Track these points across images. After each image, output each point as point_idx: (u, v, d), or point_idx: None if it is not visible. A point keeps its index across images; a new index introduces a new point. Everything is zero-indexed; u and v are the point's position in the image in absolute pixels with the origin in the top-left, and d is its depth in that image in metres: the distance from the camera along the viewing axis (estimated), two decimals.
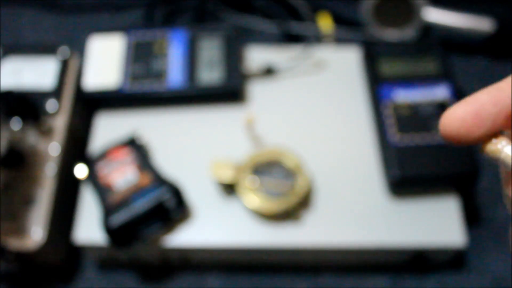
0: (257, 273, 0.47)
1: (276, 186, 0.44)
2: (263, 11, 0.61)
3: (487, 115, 0.18)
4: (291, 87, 0.52)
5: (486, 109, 0.18)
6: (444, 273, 0.47)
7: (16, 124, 0.46)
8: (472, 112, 0.18)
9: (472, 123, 0.18)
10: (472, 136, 0.18)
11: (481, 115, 0.18)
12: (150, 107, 0.51)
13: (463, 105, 0.18)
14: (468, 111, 0.18)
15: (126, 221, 0.41)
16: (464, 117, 0.18)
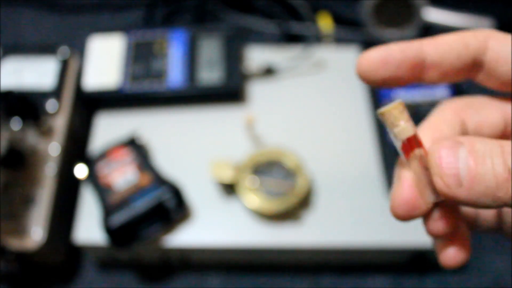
0: (257, 273, 0.47)
1: (276, 186, 0.44)
2: (263, 11, 0.61)
3: (393, 60, 0.21)
4: (291, 87, 0.52)
5: (393, 54, 0.21)
6: (444, 273, 0.47)
7: (16, 124, 0.46)
8: (381, 55, 0.21)
9: (379, 65, 0.21)
10: (378, 75, 0.22)
11: (387, 59, 0.21)
12: (150, 107, 0.51)
13: (376, 50, 0.22)
14: (377, 55, 0.21)
15: (126, 221, 0.41)
16: (373, 58, 0.21)
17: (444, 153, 0.19)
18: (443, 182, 0.19)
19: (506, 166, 0.18)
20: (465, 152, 0.18)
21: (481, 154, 0.18)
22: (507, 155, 0.18)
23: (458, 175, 0.18)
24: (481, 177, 0.18)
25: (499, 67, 0.21)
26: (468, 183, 0.18)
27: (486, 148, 0.18)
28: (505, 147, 0.18)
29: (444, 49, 0.22)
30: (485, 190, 0.18)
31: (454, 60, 0.22)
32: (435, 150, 0.19)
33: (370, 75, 0.22)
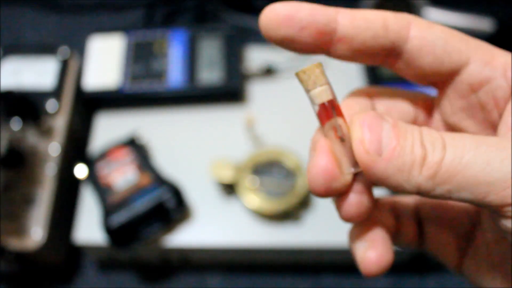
0: (257, 273, 0.47)
1: (276, 186, 0.44)
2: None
3: (298, 19, 0.19)
4: (291, 87, 0.52)
5: (300, 14, 0.19)
6: (444, 273, 0.47)
7: (16, 124, 0.46)
8: (287, 11, 0.19)
9: (282, 21, 0.19)
10: (279, 33, 0.20)
11: (293, 17, 0.19)
12: (150, 107, 0.51)
13: (284, 4, 0.19)
14: (283, 9, 0.19)
15: (126, 221, 0.41)
16: (278, 13, 0.19)
17: (369, 120, 0.18)
18: (364, 148, 0.18)
19: (423, 146, 0.18)
20: (388, 125, 0.18)
21: (403, 130, 0.18)
22: (425, 136, 0.18)
23: (380, 143, 0.18)
24: (401, 151, 0.18)
25: (420, 58, 0.20)
26: (388, 154, 0.18)
27: (408, 126, 0.19)
28: (423, 129, 0.19)
29: (359, 24, 0.20)
30: (402, 165, 0.18)
31: (368, 39, 0.20)
32: (359, 117, 0.19)
33: (271, 31, 0.20)
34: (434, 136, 0.18)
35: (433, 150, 0.18)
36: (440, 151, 0.18)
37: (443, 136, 0.18)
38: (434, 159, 0.18)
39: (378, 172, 0.18)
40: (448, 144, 0.18)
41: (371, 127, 0.18)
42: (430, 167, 0.18)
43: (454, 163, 0.17)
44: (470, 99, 0.20)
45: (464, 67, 0.20)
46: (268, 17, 0.19)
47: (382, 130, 0.18)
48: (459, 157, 0.17)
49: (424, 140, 0.18)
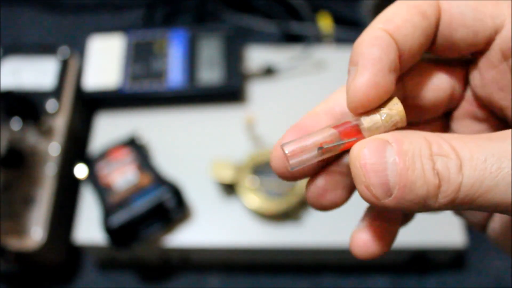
0: (257, 273, 0.47)
1: (276, 186, 0.44)
2: (263, 11, 0.61)
3: (381, 88, 0.18)
4: (291, 87, 0.52)
5: (379, 84, 0.18)
6: (444, 273, 0.47)
7: (16, 124, 0.46)
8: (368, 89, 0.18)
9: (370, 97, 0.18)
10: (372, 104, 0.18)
11: (377, 89, 0.18)
12: (150, 107, 0.51)
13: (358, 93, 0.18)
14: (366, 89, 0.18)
15: (126, 221, 0.41)
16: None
17: (369, 156, 0.17)
18: (371, 193, 0.17)
19: (435, 170, 0.16)
20: (393, 153, 0.16)
21: (411, 155, 0.16)
22: (438, 159, 0.16)
23: (387, 185, 0.16)
24: (412, 186, 0.16)
25: (453, 33, 0.19)
26: (399, 193, 0.16)
27: (415, 147, 0.17)
28: (432, 144, 0.17)
29: (408, 32, 0.19)
30: (416, 199, 0.16)
31: (419, 37, 0.19)
32: (358, 152, 0.17)
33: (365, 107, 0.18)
34: (447, 154, 0.16)
35: (448, 176, 0.16)
36: (457, 175, 0.16)
37: (459, 152, 0.16)
38: (451, 187, 0.16)
39: (390, 207, 0.17)
40: (466, 164, 0.16)
41: (374, 168, 0.17)
42: (447, 196, 0.16)
43: (473, 189, 0.16)
44: (502, 68, 0.19)
45: (499, 32, 0.18)
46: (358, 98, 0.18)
47: (386, 168, 0.16)
48: (480, 181, 0.16)
49: (437, 165, 0.16)
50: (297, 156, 0.19)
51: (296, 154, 0.19)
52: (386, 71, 0.18)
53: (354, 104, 0.18)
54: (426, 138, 0.17)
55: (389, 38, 0.18)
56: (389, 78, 0.18)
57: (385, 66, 0.18)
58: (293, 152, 0.19)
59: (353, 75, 0.18)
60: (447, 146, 0.17)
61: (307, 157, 0.19)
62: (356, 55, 0.19)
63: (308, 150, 0.19)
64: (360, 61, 0.18)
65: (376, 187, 0.17)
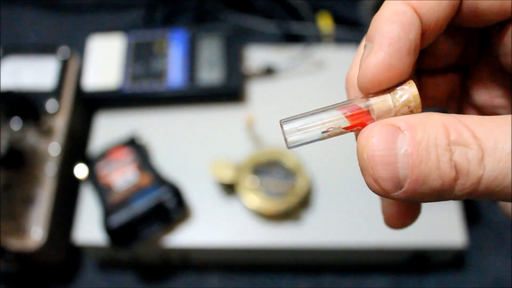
0: (257, 273, 0.47)
1: (276, 186, 0.44)
2: (263, 11, 0.61)
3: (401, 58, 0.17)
4: (291, 87, 0.52)
5: (398, 54, 0.17)
6: (444, 273, 0.47)
7: (16, 124, 0.46)
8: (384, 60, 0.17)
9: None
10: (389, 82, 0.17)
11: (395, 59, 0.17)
12: (150, 107, 0.51)
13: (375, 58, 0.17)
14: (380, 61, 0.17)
15: (126, 221, 0.41)
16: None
17: (378, 146, 0.15)
18: (380, 187, 0.16)
19: (452, 162, 0.15)
20: (405, 143, 0.15)
21: (425, 145, 0.15)
22: (454, 145, 0.15)
23: (397, 179, 0.15)
24: (426, 178, 0.15)
25: (479, 0, 0.17)
26: (410, 186, 0.15)
27: (431, 135, 0.15)
28: (451, 131, 0.15)
29: (432, 5, 0.17)
30: (429, 191, 0.15)
31: (447, 9, 0.17)
32: (366, 142, 0.16)
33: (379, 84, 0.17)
34: (468, 143, 0.15)
35: (467, 168, 0.15)
36: (477, 167, 0.14)
37: (482, 141, 0.15)
38: (470, 181, 0.15)
39: (401, 199, 0.16)
40: (488, 154, 0.14)
41: (383, 160, 0.15)
42: (465, 189, 0.15)
43: (496, 182, 0.14)
44: None
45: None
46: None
47: (397, 161, 0.15)
48: (504, 174, 0.14)
49: (455, 155, 0.15)
50: (296, 135, 0.18)
51: (296, 133, 0.18)
52: (404, 52, 0.16)
53: (364, 84, 0.17)
54: (444, 124, 0.15)
55: (412, 13, 0.17)
56: (406, 60, 0.17)
57: (403, 47, 0.16)
58: (293, 130, 0.18)
59: (367, 53, 0.17)
60: (468, 134, 0.15)
61: (307, 137, 0.18)
62: (373, 30, 0.17)
63: (309, 130, 0.18)
64: (377, 39, 0.17)
65: (385, 180, 0.15)
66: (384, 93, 0.17)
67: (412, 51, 0.17)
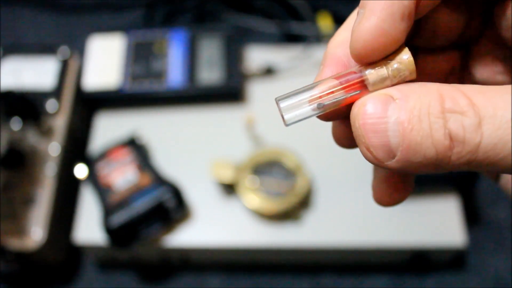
0: (257, 273, 0.47)
1: (276, 186, 0.44)
2: (263, 11, 0.61)
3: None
4: (291, 87, 0.52)
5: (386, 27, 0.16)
6: (444, 273, 0.47)
7: (16, 124, 0.46)
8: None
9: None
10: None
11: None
12: (150, 107, 0.51)
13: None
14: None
15: (126, 221, 0.41)
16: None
17: (369, 114, 0.15)
18: (372, 155, 0.15)
19: (446, 130, 0.14)
20: (396, 111, 0.15)
21: (417, 113, 0.15)
22: (449, 112, 0.14)
23: (389, 146, 0.15)
24: (418, 146, 0.15)
25: None
26: (403, 154, 0.15)
27: (423, 103, 0.15)
28: (446, 99, 0.15)
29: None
30: (424, 160, 0.15)
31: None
32: (358, 110, 0.16)
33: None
34: (463, 111, 0.14)
35: (463, 136, 0.14)
36: (474, 135, 0.14)
37: (479, 108, 0.14)
38: (466, 148, 0.14)
39: (397, 169, 0.15)
40: (487, 122, 0.14)
41: (374, 128, 0.15)
42: (461, 157, 0.14)
43: (496, 150, 0.14)
44: None
45: None
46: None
47: (387, 128, 0.15)
48: (503, 142, 0.14)
49: (449, 123, 0.14)
50: (294, 111, 0.17)
51: (293, 108, 0.17)
52: (397, 17, 0.16)
53: (356, 52, 0.16)
54: (440, 92, 0.15)
55: None
56: (400, 26, 0.16)
57: (396, 11, 0.16)
58: (289, 106, 0.17)
59: (360, 18, 0.16)
60: (465, 101, 0.14)
61: (304, 112, 0.17)
62: None
63: (306, 105, 0.17)
64: (369, 4, 0.16)
65: (376, 148, 0.15)
66: (378, 64, 0.17)
67: (406, 16, 0.16)
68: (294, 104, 0.17)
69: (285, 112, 0.17)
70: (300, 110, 0.17)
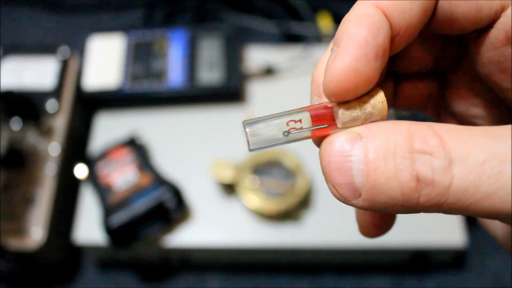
0: (257, 273, 0.47)
1: (276, 186, 0.44)
2: (263, 11, 0.61)
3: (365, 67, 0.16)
4: (291, 87, 0.52)
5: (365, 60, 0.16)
6: (444, 273, 0.47)
7: (16, 124, 0.46)
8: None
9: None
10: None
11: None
12: (150, 107, 0.51)
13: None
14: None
15: (126, 221, 0.41)
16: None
17: (334, 153, 0.15)
18: (338, 193, 0.15)
19: (413, 171, 0.14)
20: (361, 150, 0.15)
21: (382, 152, 0.14)
22: (417, 153, 0.14)
23: (353, 185, 0.15)
24: (382, 186, 0.14)
25: (454, 8, 0.16)
26: (367, 194, 0.15)
27: (390, 141, 0.14)
28: (415, 139, 0.14)
29: (405, 7, 0.16)
30: (390, 201, 0.14)
31: (417, 12, 0.16)
32: (324, 148, 0.16)
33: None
34: (432, 152, 0.14)
35: (432, 177, 0.14)
36: (443, 177, 0.14)
37: (451, 150, 0.14)
38: (435, 191, 0.14)
39: (365, 208, 0.15)
40: (458, 165, 0.14)
41: (339, 165, 0.15)
42: (430, 199, 0.14)
43: (467, 194, 0.14)
44: (504, 50, 0.17)
45: (505, 9, 0.16)
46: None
47: (351, 168, 0.15)
48: (475, 186, 0.13)
49: (417, 164, 0.14)
50: (259, 137, 0.17)
51: (259, 134, 0.17)
52: (371, 57, 0.15)
53: (329, 92, 0.16)
54: (410, 131, 0.14)
55: (381, 16, 0.16)
56: (374, 65, 0.16)
57: (370, 51, 0.15)
58: (256, 131, 0.17)
59: (333, 57, 0.16)
60: (436, 141, 0.14)
61: (270, 138, 0.17)
62: (340, 33, 0.16)
63: (272, 130, 0.17)
64: (343, 42, 0.16)
65: (342, 187, 0.15)
66: (352, 102, 0.16)
67: (380, 56, 0.16)
68: (261, 130, 0.17)
69: (251, 137, 0.17)
70: (265, 136, 0.17)
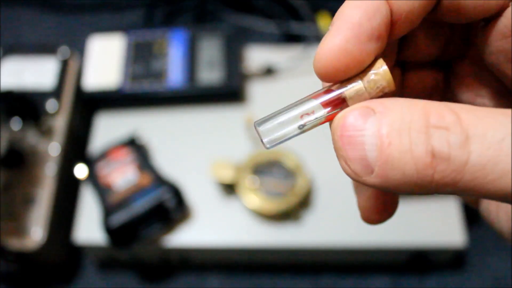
0: (257, 273, 0.47)
1: (276, 186, 0.44)
2: (263, 11, 0.61)
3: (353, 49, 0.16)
4: (291, 87, 0.52)
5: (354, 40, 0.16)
6: (444, 273, 0.47)
7: (16, 124, 0.46)
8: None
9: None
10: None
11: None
12: (150, 107, 0.51)
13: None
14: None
15: (126, 221, 0.41)
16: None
17: (347, 127, 0.15)
18: (350, 168, 0.15)
19: (428, 146, 0.13)
20: (375, 124, 0.14)
21: (396, 126, 0.14)
22: (433, 128, 0.14)
23: (366, 160, 0.14)
24: (396, 162, 0.14)
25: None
26: (380, 170, 0.14)
27: (405, 116, 0.14)
28: (431, 114, 0.14)
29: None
30: (403, 178, 0.14)
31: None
32: (337, 123, 0.15)
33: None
34: (449, 127, 0.13)
35: (448, 153, 0.13)
36: (461, 152, 0.13)
37: (468, 127, 0.13)
38: (452, 166, 0.13)
39: (376, 185, 0.15)
40: (475, 140, 0.13)
41: (351, 140, 0.15)
42: (446, 176, 0.13)
43: (485, 171, 0.13)
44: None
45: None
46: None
47: (364, 142, 0.14)
48: (493, 163, 0.13)
49: (433, 139, 0.13)
50: (273, 135, 0.17)
51: (272, 132, 0.17)
52: (364, 39, 0.15)
53: (319, 71, 0.16)
54: (425, 107, 0.14)
55: (381, 1, 0.16)
56: (366, 47, 0.16)
57: (363, 32, 0.15)
58: (269, 129, 0.17)
59: (325, 37, 0.16)
60: (452, 118, 0.14)
61: (285, 134, 0.17)
62: (336, 15, 0.16)
63: (286, 127, 0.17)
64: (336, 22, 0.16)
65: (354, 162, 0.15)
66: (354, 77, 0.16)
67: (374, 39, 0.16)
68: (273, 127, 0.17)
69: (264, 136, 0.17)
70: (279, 133, 0.17)
